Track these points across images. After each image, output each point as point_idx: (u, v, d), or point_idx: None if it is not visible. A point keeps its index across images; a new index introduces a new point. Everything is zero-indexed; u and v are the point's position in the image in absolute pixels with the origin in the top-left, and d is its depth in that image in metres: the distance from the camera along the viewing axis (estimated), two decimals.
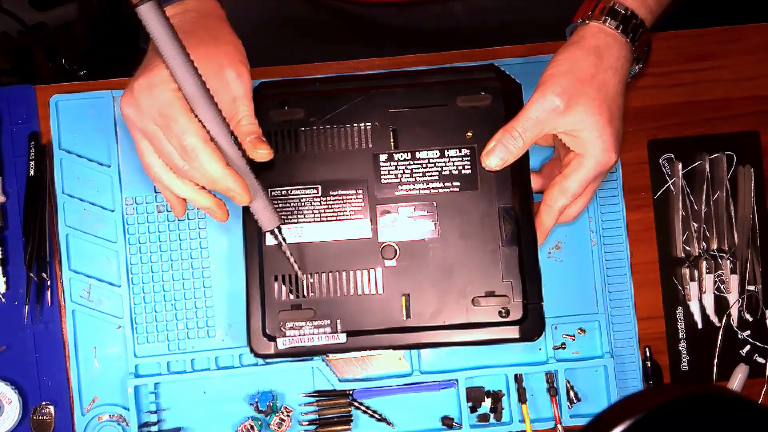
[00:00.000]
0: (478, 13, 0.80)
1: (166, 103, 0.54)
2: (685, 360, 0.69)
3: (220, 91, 0.57)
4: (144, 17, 0.51)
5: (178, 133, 0.54)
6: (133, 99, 0.55)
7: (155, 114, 0.54)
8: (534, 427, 0.67)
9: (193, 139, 0.54)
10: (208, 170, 0.55)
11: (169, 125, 0.54)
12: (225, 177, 0.55)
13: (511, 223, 0.62)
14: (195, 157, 0.54)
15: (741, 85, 0.71)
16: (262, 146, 0.58)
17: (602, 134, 0.58)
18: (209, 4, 0.61)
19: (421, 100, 0.63)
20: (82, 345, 0.67)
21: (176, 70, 0.53)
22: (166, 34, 0.52)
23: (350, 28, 0.83)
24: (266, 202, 0.59)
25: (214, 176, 0.55)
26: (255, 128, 0.58)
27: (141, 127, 0.56)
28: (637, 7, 0.59)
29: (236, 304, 0.67)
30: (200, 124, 0.54)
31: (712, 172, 0.70)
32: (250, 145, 0.58)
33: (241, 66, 0.58)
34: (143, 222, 0.68)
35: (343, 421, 0.66)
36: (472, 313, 0.61)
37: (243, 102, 0.58)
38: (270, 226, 0.60)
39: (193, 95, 0.54)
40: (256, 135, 0.58)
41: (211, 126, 0.55)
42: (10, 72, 1.22)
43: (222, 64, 0.57)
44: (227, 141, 0.56)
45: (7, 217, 0.68)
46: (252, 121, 0.58)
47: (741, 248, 0.70)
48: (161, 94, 0.54)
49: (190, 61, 0.53)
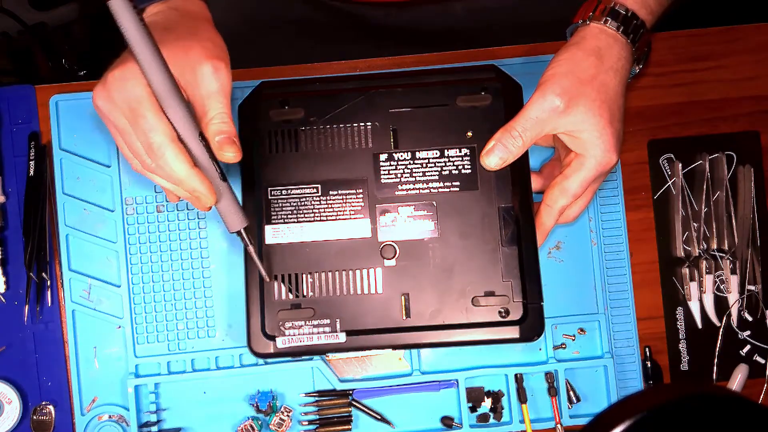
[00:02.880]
0: (478, 13, 0.80)
1: (136, 98, 0.53)
2: (685, 360, 0.69)
3: (194, 86, 0.55)
4: (115, 12, 0.50)
5: (145, 130, 0.53)
6: (106, 91, 0.54)
7: (125, 108, 0.53)
8: (534, 427, 0.67)
9: (160, 138, 0.53)
10: (174, 170, 0.53)
11: (137, 121, 0.53)
12: (190, 178, 0.54)
13: (511, 223, 0.62)
14: (161, 156, 0.53)
15: (741, 85, 0.71)
16: (230, 147, 0.56)
17: (603, 135, 0.58)
18: (195, 4, 0.60)
19: (421, 100, 0.63)
20: (82, 345, 0.67)
21: (145, 66, 0.52)
22: (136, 29, 0.51)
23: (350, 28, 0.83)
24: (232, 204, 0.58)
25: (179, 177, 0.54)
26: (227, 128, 0.56)
27: (112, 121, 0.54)
28: (637, 8, 0.59)
29: (236, 304, 0.67)
30: (168, 122, 0.53)
31: (712, 172, 0.70)
32: (218, 145, 0.56)
33: (218, 62, 0.56)
34: (143, 222, 0.68)
35: (343, 421, 0.66)
36: (471, 313, 0.61)
37: (218, 99, 0.56)
38: (235, 228, 0.58)
39: (161, 92, 0.52)
40: (226, 135, 0.56)
41: (179, 125, 0.54)
42: (10, 72, 1.22)
43: (199, 59, 0.55)
44: (194, 141, 0.54)
45: (7, 217, 0.68)
46: (224, 120, 0.56)
47: (741, 248, 0.70)
48: (133, 89, 0.53)
49: (161, 57, 0.52)
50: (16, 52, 1.21)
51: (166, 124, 0.53)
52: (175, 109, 0.53)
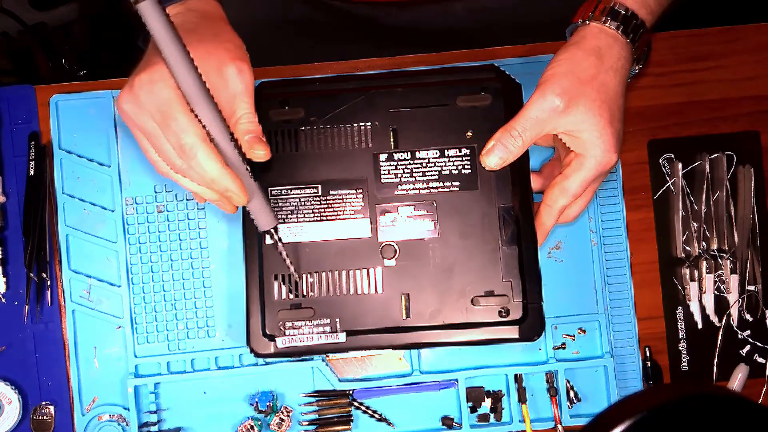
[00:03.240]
0: (478, 13, 0.80)
1: (165, 101, 0.53)
2: (685, 360, 0.69)
3: (220, 88, 0.56)
4: (144, 15, 0.51)
5: (176, 131, 0.53)
6: (133, 95, 0.54)
7: (154, 111, 0.54)
8: (534, 427, 0.67)
9: (191, 139, 0.53)
10: (206, 170, 0.54)
11: (167, 123, 0.54)
12: (222, 177, 0.55)
13: (511, 223, 0.62)
14: (193, 156, 0.54)
15: (741, 85, 0.71)
16: (259, 146, 0.57)
17: (603, 135, 0.58)
18: (211, 4, 0.60)
19: (421, 100, 0.63)
20: (82, 345, 0.67)
21: (175, 68, 0.52)
22: (166, 32, 0.51)
23: (350, 28, 0.83)
24: (264, 203, 0.59)
25: (212, 176, 0.55)
26: (254, 127, 0.58)
27: (140, 125, 0.55)
28: (637, 7, 0.59)
29: (236, 304, 0.67)
30: (199, 123, 0.54)
31: (712, 172, 0.70)
32: (248, 144, 0.57)
33: (242, 63, 0.57)
34: (143, 222, 0.68)
35: (343, 421, 0.66)
36: (471, 313, 0.61)
37: (243, 99, 0.57)
38: (267, 227, 0.60)
39: (192, 93, 0.53)
40: (255, 134, 0.57)
41: (210, 125, 0.54)
42: (10, 72, 1.22)
43: (223, 61, 0.56)
44: (225, 141, 0.55)
45: (7, 217, 0.68)
46: (251, 120, 0.58)
47: (741, 248, 0.70)
48: (161, 91, 0.53)
49: (189, 59, 0.53)
50: (16, 52, 1.22)
51: (197, 124, 0.54)
52: (206, 109, 0.54)
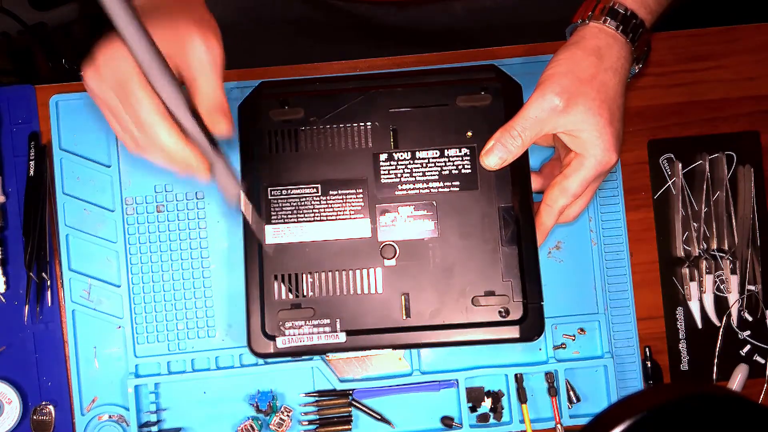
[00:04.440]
0: (478, 13, 0.80)
1: (124, 75, 0.52)
2: (685, 360, 0.69)
3: (185, 59, 0.55)
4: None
5: (134, 106, 0.53)
6: (95, 69, 0.54)
7: (115, 85, 0.53)
8: (534, 427, 0.67)
9: (148, 113, 0.52)
10: (164, 144, 0.53)
11: (126, 97, 0.53)
12: (181, 150, 0.54)
13: (511, 223, 0.62)
14: (150, 130, 0.53)
15: (741, 85, 0.71)
16: (220, 118, 0.55)
17: (602, 134, 0.58)
18: None
19: (421, 100, 0.63)
20: (82, 345, 0.67)
21: (130, 41, 0.50)
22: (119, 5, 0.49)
23: (350, 28, 0.83)
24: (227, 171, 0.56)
25: (170, 150, 0.53)
26: (217, 100, 0.56)
27: (103, 99, 0.54)
28: (637, 7, 0.59)
29: (236, 304, 0.67)
30: (156, 96, 0.52)
31: (712, 172, 0.70)
32: (209, 118, 0.55)
33: (210, 36, 0.55)
34: (143, 222, 0.68)
35: (343, 421, 0.66)
36: (471, 313, 0.61)
37: (207, 71, 0.55)
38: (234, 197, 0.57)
39: (148, 67, 0.51)
40: (216, 107, 0.55)
41: (168, 99, 0.53)
42: (10, 72, 1.22)
43: (189, 32, 0.55)
44: (184, 114, 0.53)
45: (7, 217, 0.68)
46: (216, 93, 0.56)
47: (741, 248, 0.70)
48: (120, 65, 0.52)
49: (145, 32, 0.50)
50: (16, 52, 1.22)
51: (155, 98, 0.53)
52: (162, 83, 0.52)
